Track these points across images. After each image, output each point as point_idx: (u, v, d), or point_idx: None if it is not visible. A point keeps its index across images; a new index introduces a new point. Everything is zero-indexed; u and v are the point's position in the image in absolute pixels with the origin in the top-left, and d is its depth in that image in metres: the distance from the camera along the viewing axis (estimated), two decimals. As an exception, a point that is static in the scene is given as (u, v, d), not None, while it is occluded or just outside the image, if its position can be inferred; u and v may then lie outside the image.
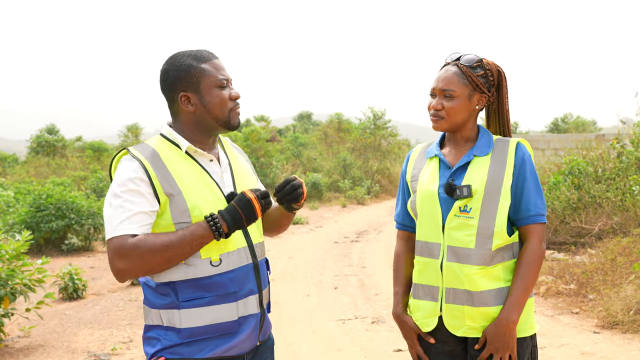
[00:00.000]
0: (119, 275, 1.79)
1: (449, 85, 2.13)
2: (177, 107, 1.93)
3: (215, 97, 1.90)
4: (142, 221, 1.78)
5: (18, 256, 5.26)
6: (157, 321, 1.86)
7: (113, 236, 1.77)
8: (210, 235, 1.81)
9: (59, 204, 10.41)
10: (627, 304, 5.19)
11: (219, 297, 1.85)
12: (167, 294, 1.84)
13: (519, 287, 2.07)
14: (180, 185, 1.83)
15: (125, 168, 1.82)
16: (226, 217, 1.82)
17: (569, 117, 29.89)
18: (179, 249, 1.78)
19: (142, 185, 1.80)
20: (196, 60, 1.90)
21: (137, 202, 1.78)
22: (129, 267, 1.76)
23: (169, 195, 1.82)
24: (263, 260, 2.01)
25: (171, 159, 1.87)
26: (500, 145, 2.16)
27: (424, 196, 2.17)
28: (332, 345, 5.07)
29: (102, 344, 5.32)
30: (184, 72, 1.89)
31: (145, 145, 1.90)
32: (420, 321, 2.19)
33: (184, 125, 1.93)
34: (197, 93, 1.89)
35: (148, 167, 1.82)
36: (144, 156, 1.85)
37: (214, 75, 1.90)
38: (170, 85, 1.91)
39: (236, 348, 1.89)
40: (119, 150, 1.90)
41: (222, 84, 1.91)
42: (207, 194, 1.87)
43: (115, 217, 1.77)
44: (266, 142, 22.01)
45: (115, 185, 1.81)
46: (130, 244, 1.75)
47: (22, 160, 24.84)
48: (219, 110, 1.90)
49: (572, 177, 8.57)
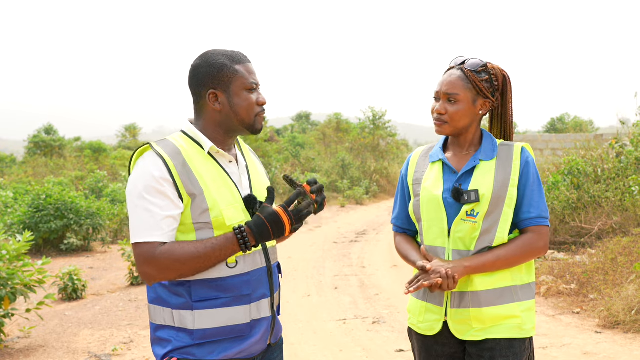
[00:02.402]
0: (147, 279, 1.81)
1: (453, 90, 2.12)
2: (203, 103, 1.91)
3: (244, 100, 1.89)
4: (169, 226, 1.78)
5: (19, 257, 5.25)
6: (168, 321, 1.85)
7: (141, 241, 1.77)
8: (237, 248, 1.80)
9: (58, 204, 10.39)
10: (629, 303, 5.19)
11: (232, 299, 1.84)
12: (180, 294, 1.83)
13: (492, 254, 2.06)
14: (202, 185, 1.82)
15: (148, 165, 1.80)
16: (255, 231, 1.80)
17: (567, 117, 29.95)
18: (206, 259, 1.78)
19: (167, 186, 1.79)
20: (230, 60, 1.89)
21: (163, 206, 1.77)
22: (157, 274, 1.78)
23: (191, 195, 1.81)
24: (275, 264, 2.00)
25: (193, 158, 1.85)
26: (504, 149, 2.15)
27: (428, 200, 2.16)
28: (334, 346, 5.06)
29: (102, 345, 5.31)
30: (216, 70, 1.87)
31: (167, 141, 1.88)
32: (425, 325, 2.18)
33: (207, 123, 1.92)
34: (227, 93, 1.88)
35: (171, 165, 1.80)
36: (167, 153, 1.83)
37: (246, 77, 1.89)
38: (200, 80, 1.89)
39: (247, 351, 1.88)
40: (141, 145, 1.88)
41: (252, 87, 1.90)
42: (227, 194, 1.86)
43: (143, 221, 1.77)
44: (264, 143, 22.01)
45: (138, 184, 1.79)
46: (158, 253, 1.76)
47: (20, 161, 24.81)
48: (245, 113, 1.89)
49: (571, 177, 8.58)
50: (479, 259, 2.06)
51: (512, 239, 2.10)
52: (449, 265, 2.04)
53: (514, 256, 2.07)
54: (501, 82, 2.19)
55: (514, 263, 2.08)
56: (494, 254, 2.06)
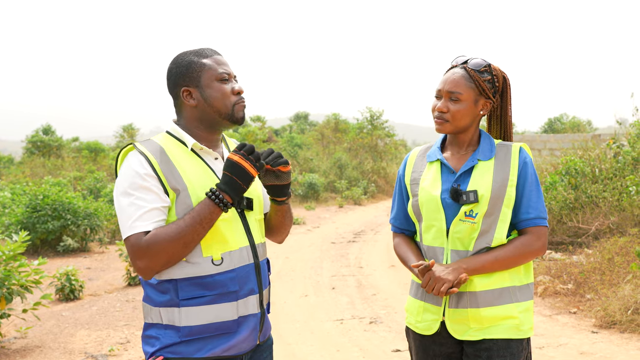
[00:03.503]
0: (142, 273, 1.79)
1: (456, 88, 2.11)
2: (180, 102, 1.94)
3: (217, 91, 1.90)
4: (155, 217, 1.78)
5: (15, 257, 5.24)
6: (156, 319, 1.85)
7: (128, 235, 1.77)
8: (217, 209, 1.80)
9: (55, 205, 10.37)
10: (625, 303, 5.19)
11: (219, 296, 1.83)
12: (167, 292, 1.83)
13: (491, 255, 2.06)
14: (186, 181, 1.83)
15: (131, 163, 1.82)
16: (223, 187, 1.81)
17: (564, 118, 29.98)
18: (193, 230, 1.77)
19: (151, 180, 1.80)
20: (197, 56, 1.93)
21: (148, 199, 1.78)
22: (149, 264, 1.77)
23: (175, 191, 1.82)
24: (264, 261, 2.00)
25: (177, 155, 1.87)
26: (503, 150, 2.15)
27: (426, 200, 2.15)
28: (331, 346, 5.06)
29: (99, 345, 5.30)
30: (184, 68, 1.91)
31: (151, 141, 1.91)
32: (422, 324, 2.18)
33: (188, 120, 1.94)
34: (198, 87, 1.90)
35: (154, 161, 1.82)
36: (150, 151, 1.85)
37: (214, 69, 1.91)
38: (173, 82, 1.93)
39: (235, 348, 1.87)
40: (124, 145, 1.90)
41: (223, 77, 1.91)
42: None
43: (128, 216, 1.77)
44: (262, 143, 22.00)
45: (123, 182, 1.81)
46: (144, 241, 1.75)
47: (18, 161, 24.77)
48: (220, 104, 1.90)
49: (569, 177, 8.59)
50: (477, 260, 2.05)
51: (511, 240, 2.10)
52: (452, 267, 2.04)
53: (513, 257, 2.07)
54: (502, 83, 2.19)
55: (512, 264, 2.08)
56: (493, 255, 2.06)
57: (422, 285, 2.06)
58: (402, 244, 2.29)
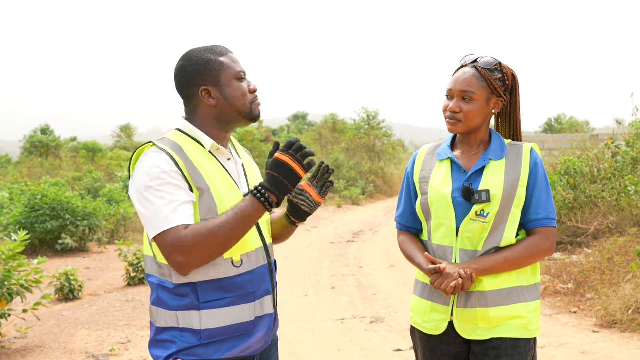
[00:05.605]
0: (180, 268, 1.72)
1: (468, 87, 2.10)
2: (196, 102, 1.89)
3: (236, 89, 1.88)
4: (190, 211, 1.74)
5: (14, 257, 5.22)
6: (171, 323, 1.81)
7: (165, 229, 1.70)
8: (262, 208, 1.76)
9: (54, 205, 10.35)
10: (626, 302, 5.20)
11: (238, 298, 1.82)
12: (186, 295, 1.79)
13: (500, 255, 2.05)
14: (208, 181, 1.80)
15: (155, 160, 1.76)
16: (269, 187, 1.77)
17: (563, 118, 30.01)
18: (236, 227, 1.73)
19: (177, 177, 1.75)
20: (214, 54, 1.88)
21: (178, 194, 1.73)
22: (190, 259, 1.70)
23: (199, 190, 1.78)
24: (273, 261, 1.99)
25: (195, 155, 1.83)
26: (514, 150, 2.14)
27: (437, 199, 2.14)
28: (332, 345, 5.06)
29: (100, 345, 5.29)
30: (202, 66, 1.86)
31: (167, 139, 1.86)
32: (430, 324, 2.17)
33: (204, 120, 1.89)
34: (218, 86, 1.86)
35: (177, 159, 1.78)
36: (171, 149, 1.81)
37: (232, 67, 1.88)
38: (188, 80, 1.87)
39: (251, 348, 1.87)
40: (141, 145, 1.86)
41: (241, 76, 1.89)
42: (230, 192, 1.84)
43: (160, 210, 1.70)
44: (260, 143, 22.00)
45: (147, 178, 1.74)
46: (184, 235, 1.69)
47: (16, 161, 24.70)
48: (240, 102, 1.88)
49: (567, 177, 8.60)
50: (487, 261, 2.05)
51: (520, 241, 2.10)
52: (462, 267, 2.04)
53: (522, 258, 2.07)
54: (511, 81, 2.18)
55: (522, 265, 2.08)
56: (502, 255, 2.06)
57: (431, 281, 2.06)
58: (408, 242, 2.28)
